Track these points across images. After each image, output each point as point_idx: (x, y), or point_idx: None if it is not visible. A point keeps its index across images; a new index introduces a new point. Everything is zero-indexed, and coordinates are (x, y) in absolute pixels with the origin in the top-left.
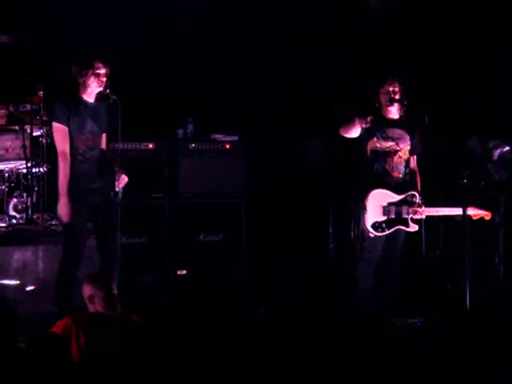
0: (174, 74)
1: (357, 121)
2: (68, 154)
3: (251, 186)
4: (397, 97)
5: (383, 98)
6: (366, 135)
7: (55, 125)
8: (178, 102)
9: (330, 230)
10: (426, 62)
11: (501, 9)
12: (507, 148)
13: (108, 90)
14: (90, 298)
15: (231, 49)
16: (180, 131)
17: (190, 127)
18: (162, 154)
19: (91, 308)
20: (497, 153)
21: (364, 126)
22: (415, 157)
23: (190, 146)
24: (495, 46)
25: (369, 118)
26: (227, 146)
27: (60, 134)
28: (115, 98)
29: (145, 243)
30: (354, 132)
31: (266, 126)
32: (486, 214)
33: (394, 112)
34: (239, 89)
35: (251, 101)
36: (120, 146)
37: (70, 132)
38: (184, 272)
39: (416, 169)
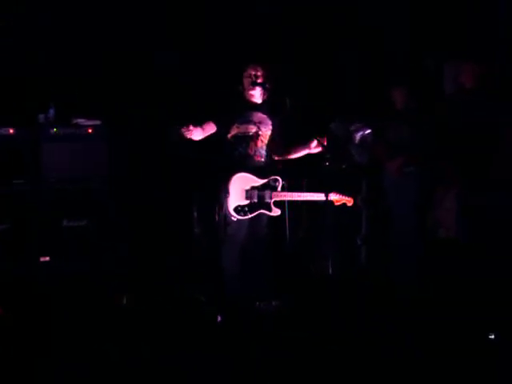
0: (34, 59)
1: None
2: None
3: (116, 170)
4: (259, 81)
5: (246, 82)
6: (225, 126)
7: None
8: (39, 86)
9: (195, 214)
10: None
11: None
12: (368, 131)
13: None
14: None
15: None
16: (41, 116)
17: (51, 112)
18: (23, 139)
19: None
20: (358, 136)
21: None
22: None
23: (52, 131)
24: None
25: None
26: (90, 131)
27: None
28: None
29: (7, 230)
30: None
31: (131, 109)
32: (348, 200)
33: (256, 96)
34: (101, 72)
35: (114, 85)
36: None
37: None
38: (47, 259)
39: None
